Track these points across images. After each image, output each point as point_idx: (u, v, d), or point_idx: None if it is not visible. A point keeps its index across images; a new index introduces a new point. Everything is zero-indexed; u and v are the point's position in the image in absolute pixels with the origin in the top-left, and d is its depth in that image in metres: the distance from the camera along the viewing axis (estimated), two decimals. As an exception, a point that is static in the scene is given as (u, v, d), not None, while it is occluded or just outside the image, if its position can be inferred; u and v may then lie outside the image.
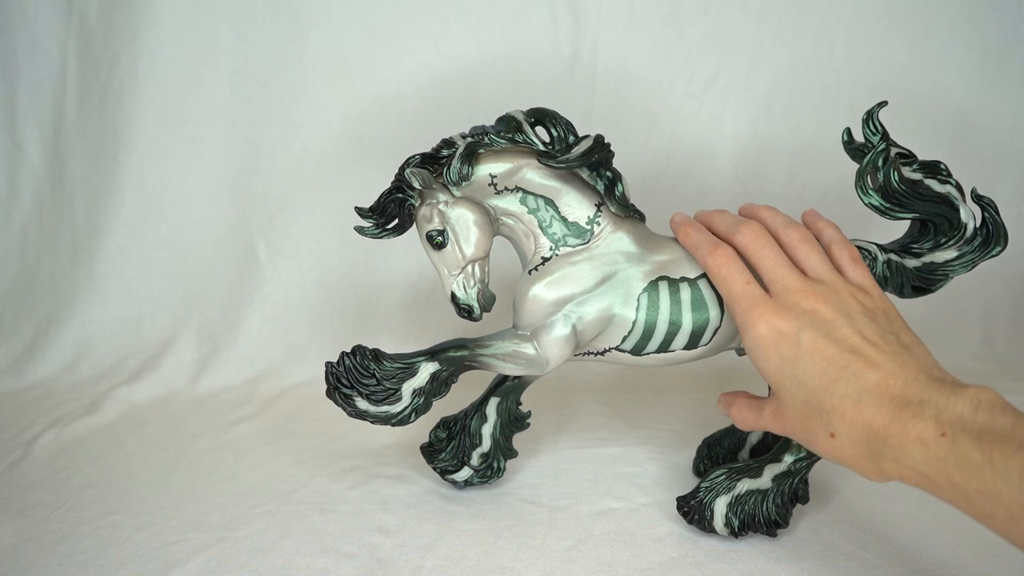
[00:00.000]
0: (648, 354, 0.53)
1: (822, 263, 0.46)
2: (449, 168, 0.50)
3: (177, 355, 0.85)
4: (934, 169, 0.51)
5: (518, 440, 0.62)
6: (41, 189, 0.90)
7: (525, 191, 0.52)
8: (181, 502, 0.59)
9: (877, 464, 0.39)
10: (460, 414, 0.61)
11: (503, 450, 0.61)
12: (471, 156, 0.50)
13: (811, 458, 0.53)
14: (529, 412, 0.61)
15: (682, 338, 0.52)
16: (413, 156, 0.50)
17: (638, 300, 0.52)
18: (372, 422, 0.54)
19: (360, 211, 0.52)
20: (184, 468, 0.66)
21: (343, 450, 0.68)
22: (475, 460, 0.60)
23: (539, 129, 0.51)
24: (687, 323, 0.52)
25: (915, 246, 0.53)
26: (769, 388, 0.54)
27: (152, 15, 0.83)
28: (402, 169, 0.50)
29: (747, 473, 0.54)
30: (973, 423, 0.35)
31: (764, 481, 0.54)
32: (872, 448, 0.38)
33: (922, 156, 0.52)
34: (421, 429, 0.61)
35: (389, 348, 0.55)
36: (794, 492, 0.54)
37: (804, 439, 0.43)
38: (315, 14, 0.84)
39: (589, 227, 0.53)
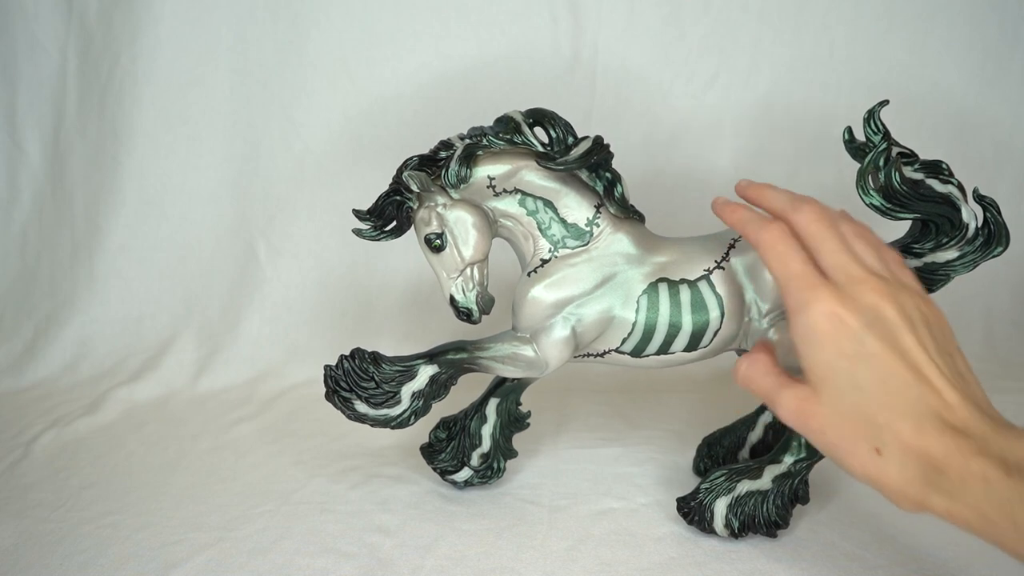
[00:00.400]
0: (648, 356, 0.53)
1: (879, 261, 0.41)
2: (447, 170, 0.49)
3: (177, 355, 0.85)
4: (935, 169, 0.51)
5: (518, 440, 0.62)
6: (41, 189, 0.90)
7: (524, 193, 0.52)
8: (181, 502, 0.59)
9: (924, 494, 0.35)
10: (460, 414, 0.61)
11: (503, 450, 0.61)
12: (469, 158, 0.50)
13: (811, 459, 0.53)
14: (529, 412, 0.61)
15: (682, 340, 0.52)
16: (411, 158, 0.50)
17: (638, 302, 0.52)
18: (371, 425, 0.54)
19: (358, 214, 0.51)
20: (184, 468, 0.66)
21: (343, 450, 0.68)
22: (475, 460, 0.60)
23: (538, 130, 0.51)
24: (687, 325, 0.52)
25: (916, 246, 0.53)
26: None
27: (152, 15, 0.83)
28: (400, 172, 0.50)
29: (747, 474, 0.54)
30: None
31: (764, 482, 0.54)
32: (926, 477, 0.35)
33: (922, 156, 0.52)
34: (421, 429, 0.61)
35: (389, 349, 0.55)
36: (794, 493, 0.54)
37: (832, 444, 0.38)
38: (315, 14, 0.84)
39: (588, 229, 0.53)
